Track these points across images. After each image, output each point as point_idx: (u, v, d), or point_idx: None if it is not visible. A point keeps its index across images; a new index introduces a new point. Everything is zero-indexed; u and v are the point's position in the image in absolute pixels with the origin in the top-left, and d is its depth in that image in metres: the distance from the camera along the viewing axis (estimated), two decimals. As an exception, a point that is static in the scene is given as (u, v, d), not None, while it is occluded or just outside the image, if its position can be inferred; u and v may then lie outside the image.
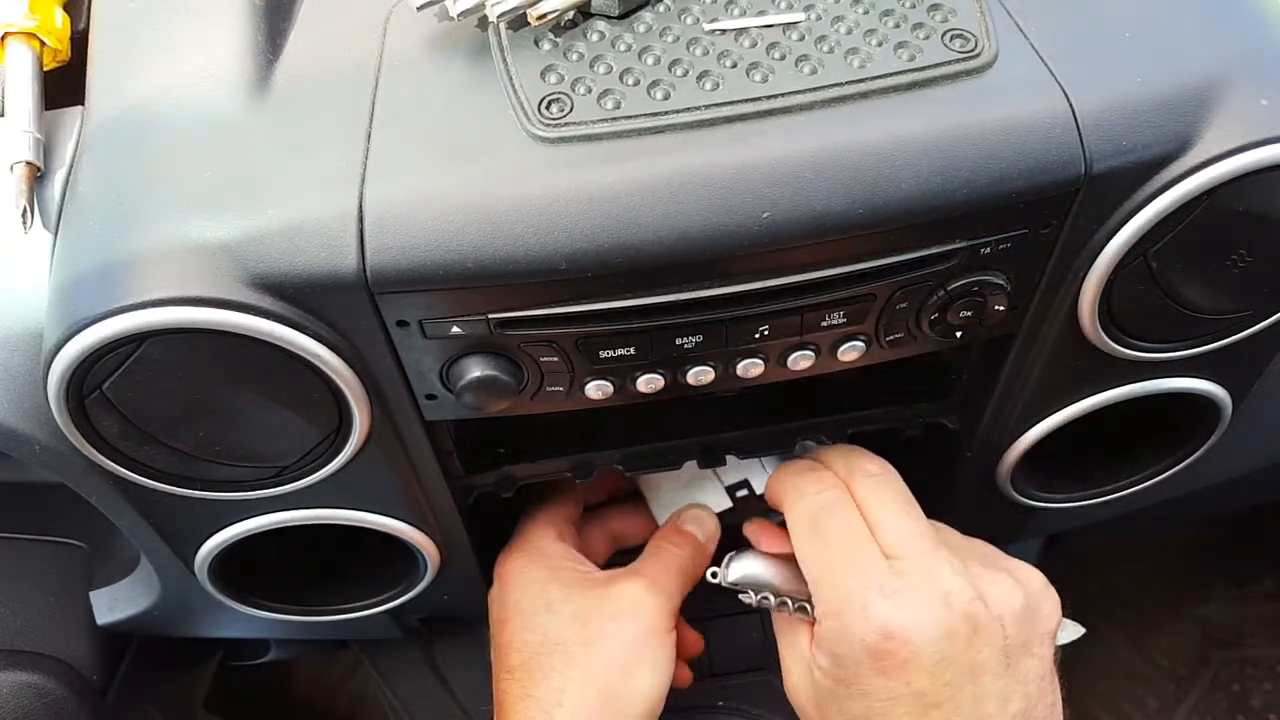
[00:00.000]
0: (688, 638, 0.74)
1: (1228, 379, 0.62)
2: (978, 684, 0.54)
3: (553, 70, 0.48)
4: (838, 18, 0.49)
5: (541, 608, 0.65)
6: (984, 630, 0.54)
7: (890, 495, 0.59)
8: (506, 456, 0.66)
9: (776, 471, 0.64)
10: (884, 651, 0.53)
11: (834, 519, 0.58)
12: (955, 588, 0.54)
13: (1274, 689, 1.35)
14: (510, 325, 0.49)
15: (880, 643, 0.53)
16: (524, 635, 0.64)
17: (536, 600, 0.65)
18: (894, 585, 0.54)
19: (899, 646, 0.53)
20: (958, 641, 0.53)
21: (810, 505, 0.59)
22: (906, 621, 0.53)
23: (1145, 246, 0.50)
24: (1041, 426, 0.63)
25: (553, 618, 0.64)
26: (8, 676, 0.73)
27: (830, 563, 0.56)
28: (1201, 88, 0.47)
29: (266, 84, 0.50)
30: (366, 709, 1.38)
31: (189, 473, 0.53)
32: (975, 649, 0.53)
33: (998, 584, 0.56)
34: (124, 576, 0.75)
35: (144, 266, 0.45)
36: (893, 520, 0.57)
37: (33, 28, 0.52)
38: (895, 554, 0.56)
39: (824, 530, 0.57)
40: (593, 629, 0.63)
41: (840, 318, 0.52)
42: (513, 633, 0.65)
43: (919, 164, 0.46)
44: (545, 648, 0.63)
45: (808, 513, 0.59)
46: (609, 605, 0.64)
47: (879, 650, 0.53)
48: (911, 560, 0.55)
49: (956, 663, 0.53)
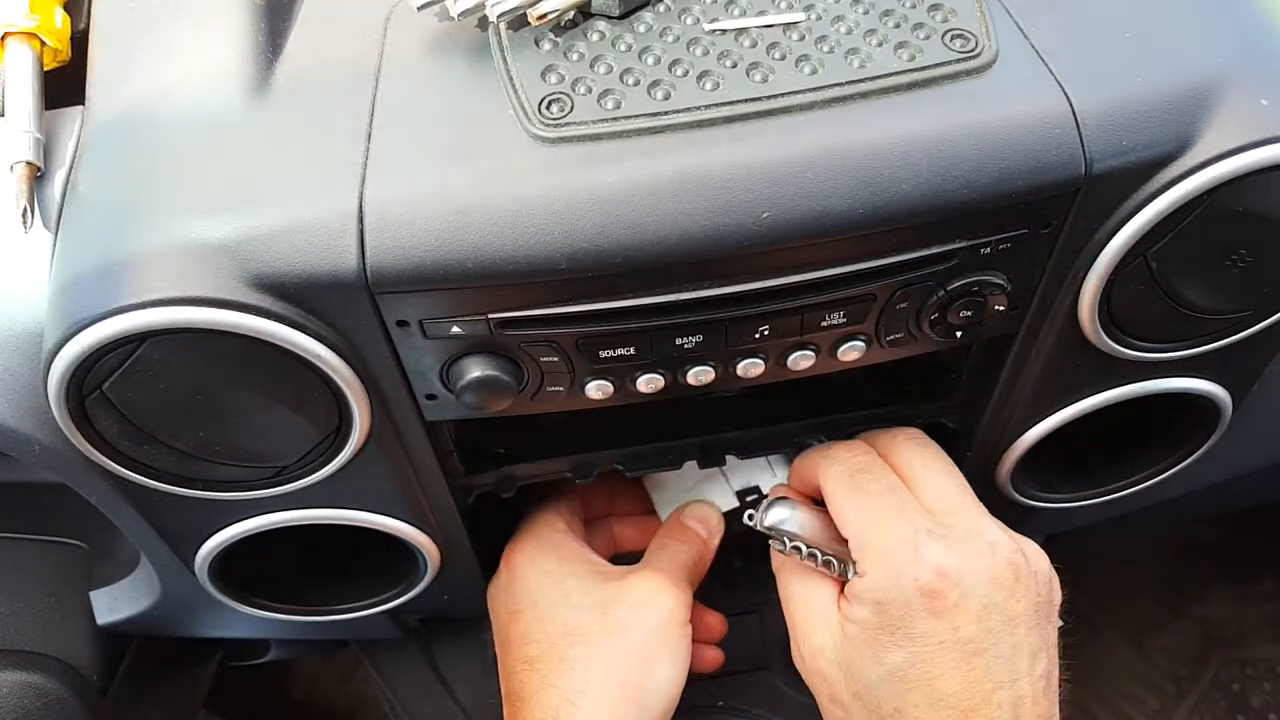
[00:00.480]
0: (710, 621, 0.74)
1: (1228, 379, 0.62)
2: (1014, 635, 0.55)
3: (553, 70, 0.48)
4: (838, 18, 0.49)
5: (560, 599, 0.65)
6: (1024, 581, 0.55)
7: (932, 455, 0.61)
8: (506, 456, 0.66)
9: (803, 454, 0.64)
10: (936, 591, 0.54)
11: (872, 476, 0.59)
12: (999, 538, 0.56)
13: (1274, 689, 1.35)
14: (510, 325, 0.49)
15: (934, 581, 0.54)
16: (543, 626, 0.64)
17: (554, 592, 0.65)
18: (942, 531, 0.55)
19: (950, 587, 0.54)
20: (1002, 588, 0.54)
21: (846, 467, 0.59)
22: (959, 563, 0.54)
23: (1145, 246, 0.50)
24: (1041, 426, 0.63)
25: (572, 609, 0.64)
26: (8, 676, 0.73)
27: (875, 512, 0.57)
28: (1201, 88, 0.47)
29: (267, 84, 0.50)
30: (366, 709, 1.38)
31: (189, 472, 0.53)
32: (1016, 598, 0.55)
33: (1030, 543, 0.57)
34: (124, 576, 0.75)
35: (144, 266, 0.45)
36: (933, 477, 0.59)
37: (33, 28, 0.52)
38: (936, 508, 0.57)
39: (863, 486, 0.58)
40: (613, 619, 0.63)
41: (840, 318, 0.52)
42: (529, 623, 0.65)
43: (919, 164, 0.46)
44: (568, 638, 0.63)
45: (845, 473, 0.59)
46: (629, 596, 0.64)
47: (932, 589, 0.54)
48: (953, 514, 0.57)
49: (1000, 610, 0.54)
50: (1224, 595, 1.43)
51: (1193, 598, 1.43)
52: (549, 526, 0.70)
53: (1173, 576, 1.45)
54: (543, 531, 0.70)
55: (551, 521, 0.71)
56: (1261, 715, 1.34)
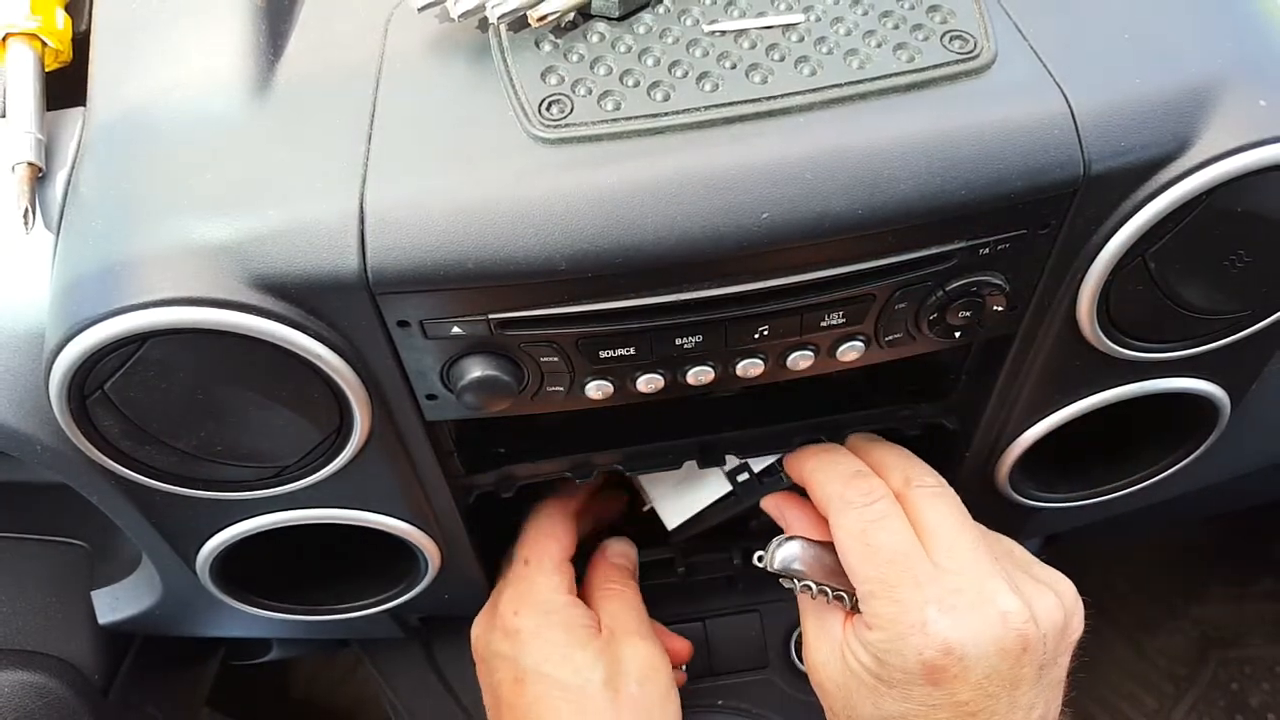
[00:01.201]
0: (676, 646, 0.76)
1: (1226, 379, 0.62)
2: (1014, 696, 0.55)
3: (553, 71, 0.48)
4: (837, 19, 0.49)
5: (570, 673, 0.66)
6: (1032, 649, 0.55)
7: (949, 509, 0.59)
8: (507, 456, 0.66)
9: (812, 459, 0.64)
10: (939, 667, 0.54)
11: (885, 531, 0.57)
12: (1013, 608, 0.55)
13: (1272, 689, 1.35)
14: (511, 325, 0.49)
15: (938, 659, 0.54)
16: (554, 703, 0.66)
17: (562, 665, 0.67)
18: (952, 601, 0.54)
19: (954, 662, 0.54)
20: (1007, 658, 0.54)
21: (860, 516, 0.58)
22: (964, 638, 0.54)
23: (1144, 247, 0.50)
24: (1040, 426, 0.63)
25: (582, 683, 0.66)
26: (9, 676, 0.73)
27: (884, 576, 0.56)
28: (1200, 88, 0.48)
29: (268, 85, 0.50)
30: (366, 709, 1.38)
31: (190, 473, 0.53)
32: (1021, 665, 0.55)
33: (1043, 599, 0.57)
34: (125, 576, 0.75)
35: (145, 267, 0.45)
36: (950, 535, 0.57)
37: (34, 29, 0.52)
38: (950, 568, 0.56)
39: (876, 543, 0.57)
40: (624, 696, 0.66)
41: (840, 318, 0.52)
42: (536, 696, 0.67)
43: (918, 165, 0.46)
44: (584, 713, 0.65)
45: (857, 524, 0.58)
46: (631, 668, 0.67)
47: (935, 665, 0.54)
48: (967, 576, 0.56)
49: (1002, 676, 0.54)
50: (1222, 595, 1.43)
51: (1191, 598, 1.43)
52: (549, 588, 0.70)
53: (1171, 576, 1.45)
54: (544, 594, 0.70)
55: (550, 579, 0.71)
56: (1260, 715, 1.34)
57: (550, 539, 0.72)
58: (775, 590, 0.67)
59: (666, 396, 0.55)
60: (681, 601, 0.84)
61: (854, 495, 0.59)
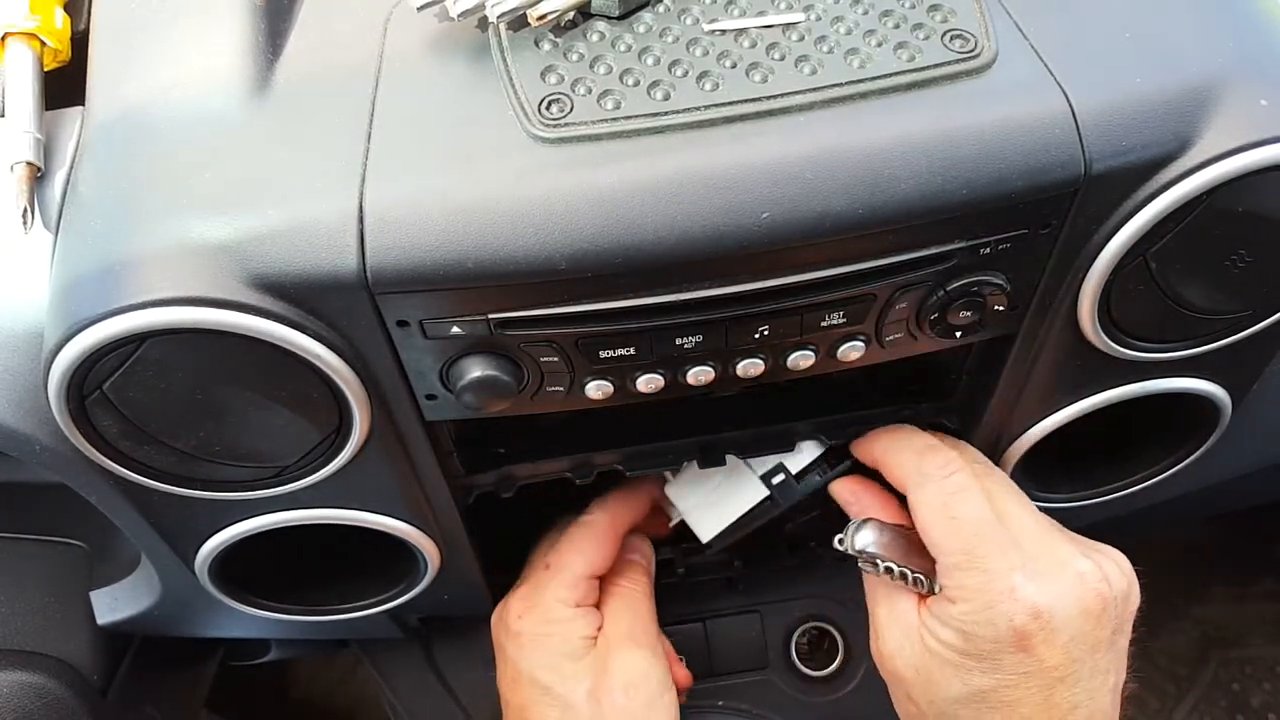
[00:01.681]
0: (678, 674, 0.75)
1: (1227, 379, 0.62)
2: (1094, 658, 0.57)
3: (553, 71, 0.48)
4: (837, 18, 0.49)
5: (558, 681, 0.67)
6: (1109, 608, 0.57)
7: (1008, 485, 0.62)
8: (506, 456, 0.66)
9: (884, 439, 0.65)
10: (1029, 631, 0.55)
11: (966, 503, 0.59)
12: (1087, 568, 0.57)
13: (1273, 689, 1.35)
14: (510, 325, 0.49)
15: (1028, 623, 0.55)
16: (542, 709, 0.67)
17: (552, 674, 0.68)
18: (1034, 568, 0.56)
19: (1042, 626, 0.55)
20: (1089, 619, 0.56)
21: (940, 489, 0.60)
22: (1051, 602, 0.55)
23: (1145, 247, 0.50)
24: (1041, 426, 0.63)
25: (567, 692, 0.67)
26: (8, 676, 0.73)
27: (969, 546, 0.57)
28: (1201, 88, 0.47)
29: (267, 84, 0.50)
30: (366, 709, 1.38)
31: (189, 473, 0.53)
32: (1101, 626, 0.57)
33: (1109, 563, 0.58)
34: (124, 576, 0.75)
35: (144, 267, 0.45)
36: (1015, 508, 0.60)
37: (33, 28, 0.52)
38: (1023, 538, 0.58)
39: (958, 514, 0.59)
40: (607, 705, 0.66)
41: (840, 318, 0.52)
42: (529, 700, 0.68)
43: (919, 164, 0.46)
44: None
45: (939, 496, 0.60)
46: (616, 678, 0.67)
47: (1025, 630, 0.55)
48: (1041, 544, 0.58)
49: (1084, 639, 0.56)
50: (1223, 595, 1.43)
51: (1192, 598, 1.43)
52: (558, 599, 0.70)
53: (1172, 576, 1.44)
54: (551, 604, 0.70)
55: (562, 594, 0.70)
56: (1261, 715, 1.34)
57: (579, 554, 0.72)
58: (775, 591, 0.67)
59: (666, 396, 0.55)
60: (681, 602, 0.84)
61: (931, 469, 0.61)
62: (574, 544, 0.72)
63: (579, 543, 0.72)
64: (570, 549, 0.72)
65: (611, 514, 0.74)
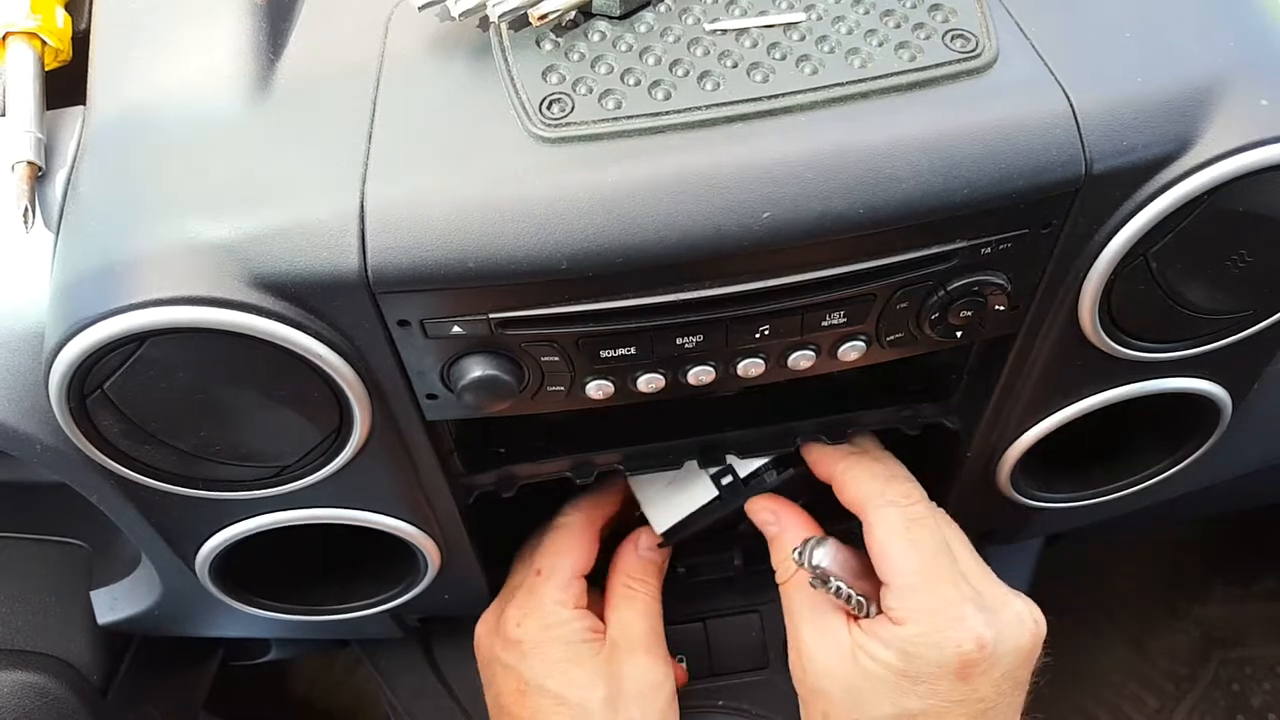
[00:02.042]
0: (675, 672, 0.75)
1: (1228, 379, 0.62)
2: (1016, 695, 0.60)
3: (554, 70, 0.48)
4: (838, 18, 0.49)
5: (570, 689, 0.67)
6: (1035, 649, 0.61)
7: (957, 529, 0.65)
8: (507, 456, 0.66)
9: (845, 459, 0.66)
10: (973, 660, 0.57)
11: (926, 530, 0.61)
12: (1023, 609, 0.60)
13: (1274, 689, 1.35)
14: (511, 325, 0.49)
15: (973, 652, 0.57)
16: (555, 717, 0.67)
17: (562, 681, 0.67)
18: (982, 601, 0.59)
19: (985, 657, 0.58)
20: (1021, 656, 0.59)
21: (902, 514, 0.62)
22: (996, 636, 0.58)
23: (1145, 246, 0.50)
24: (1042, 426, 0.63)
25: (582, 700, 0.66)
26: (8, 676, 0.73)
27: (925, 570, 0.59)
28: (1202, 88, 0.47)
29: (268, 84, 0.50)
30: (366, 709, 1.38)
31: (190, 472, 0.53)
32: (1026, 666, 0.60)
33: (1032, 609, 0.62)
34: (125, 576, 0.75)
35: (145, 266, 0.45)
36: (963, 550, 0.63)
37: (34, 27, 0.52)
38: (968, 577, 0.61)
39: (917, 539, 0.61)
40: (623, 715, 0.66)
41: (840, 317, 0.52)
42: (538, 709, 0.67)
43: (919, 164, 0.46)
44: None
45: (900, 519, 0.61)
46: (631, 686, 0.67)
47: (970, 659, 0.57)
48: (983, 583, 0.61)
49: (1013, 676, 0.59)
50: (1224, 595, 1.43)
51: (1193, 598, 1.43)
52: (555, 601, 0.70)
53: (1173, 576, 1.45)
54: (548, 607, 0.70)
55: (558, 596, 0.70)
56: (1261, 715, 1.34)
57: (566, 555, 0.72)
58: (776, 591, 0.67)
59: (667, 396, 0.55)
60: (681, 601, 0.84)
61: (895, 496, 0.63)
62: (557, 547, 0.72)
63: (561, 545, 0.72)
64: (560, 550, 0.72)
65: (585, 513, 0.74)
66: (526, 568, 0.73)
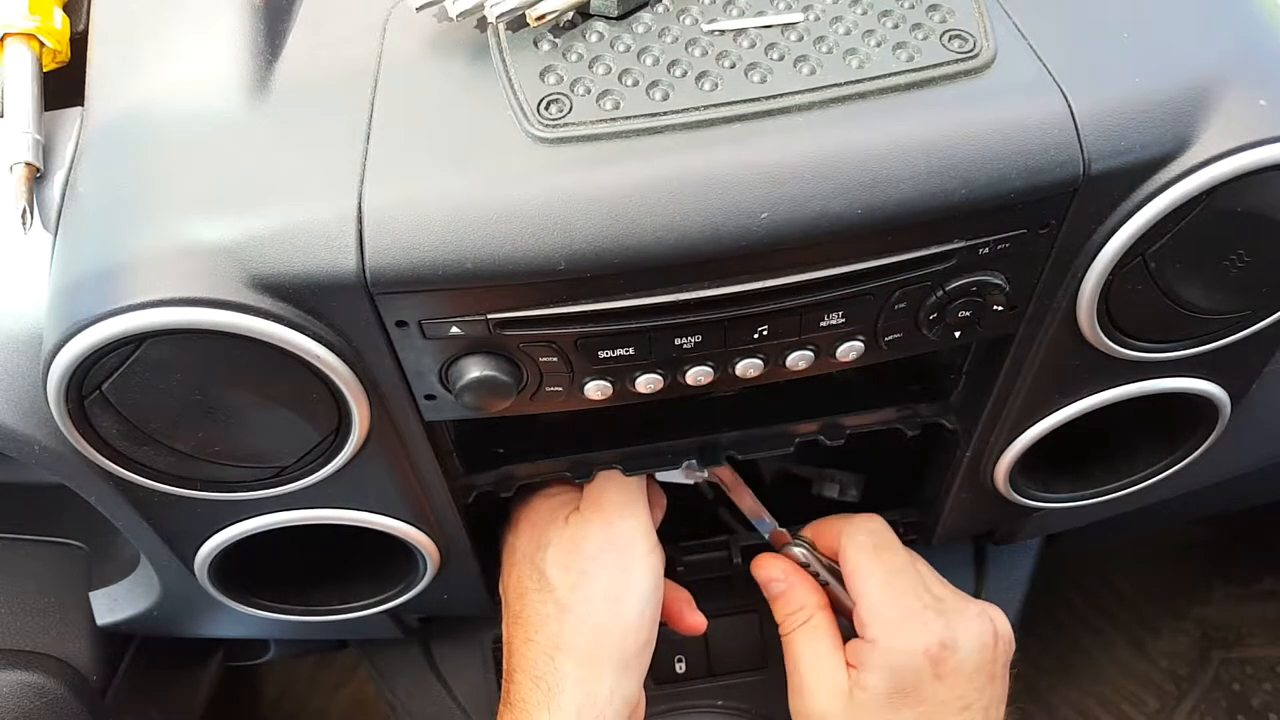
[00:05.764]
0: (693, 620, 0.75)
1: (1226, 379, 0.62)
2: (993, 688, 0.66)
3: (552, 71, 0.48)
4: (836, 18, 0.49)
5: (534, 553, 0.68)
6: (1001, 643, 0.66)
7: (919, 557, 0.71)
8: (506, 456, 0.66)
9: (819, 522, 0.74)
10: (941, 658, 0.63)
11: (891, 553, 0.68)
12: (979, 610, 0.66)
13: (1274, 689, 1.35)
14: (509, 325, 0.49)
15: (939, 651, 0.63)
16: (525, 583, 0.68)
17: (529, 545, 0.68)
18: (941, 607, 0.66)
19: (951, 654, 0.63)
20: (986, 651, 0.65)
21: (872, 539, 0.69)
22: (956, 634, 0.64)
23: (1143, 247, 0.50)
24: (1040, 426, 0.63)
25: (542, 565, 0.67)
26: (8, 676, 0.73)
27: (891, 585, 0.66)
28: (1199, 88, 0.47)
29: (266, 85, 0.50)
30: (366, 709, 1.38)
31: (188, 473, 0.53)
32: (996, 660, 0.66)
33: (994, 611, 0.68)
34: (124, 577, 0.75)
35: (143, 267, 0.45)
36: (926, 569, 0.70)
37: (32, 29, 0.52)
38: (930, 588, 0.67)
39: (884, 560, 0.67)
40: (575, 573, 0.65)
41: (839, 318, 0.52)
42: (516, 579, 0.69)
43: (917, 164, 0.46)
44: (541, 595, 0.66)
45: (870, 543, 0.68)
46: (587, 545, 0.66)
47: (938, 657, 0.63)
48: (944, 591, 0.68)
49: (985, 670, 0.65)
50: (1224, 595, 1.43)
51: (1193, 598, 1.43)
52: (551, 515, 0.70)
53: (1173, 576, 1.45)
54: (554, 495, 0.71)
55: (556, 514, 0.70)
56: (1261, 715, 1.34)
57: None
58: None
59: (666, 396, 0.55)
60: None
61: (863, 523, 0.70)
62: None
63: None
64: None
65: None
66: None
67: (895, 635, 0.64)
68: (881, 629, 0.64)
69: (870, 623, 0.65)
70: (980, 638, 0.64)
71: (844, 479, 0.85)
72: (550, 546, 0.67)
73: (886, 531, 0.70)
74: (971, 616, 0.65)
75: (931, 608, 0.65)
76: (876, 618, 0.64)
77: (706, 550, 0.83)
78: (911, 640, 0.63)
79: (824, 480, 0.86)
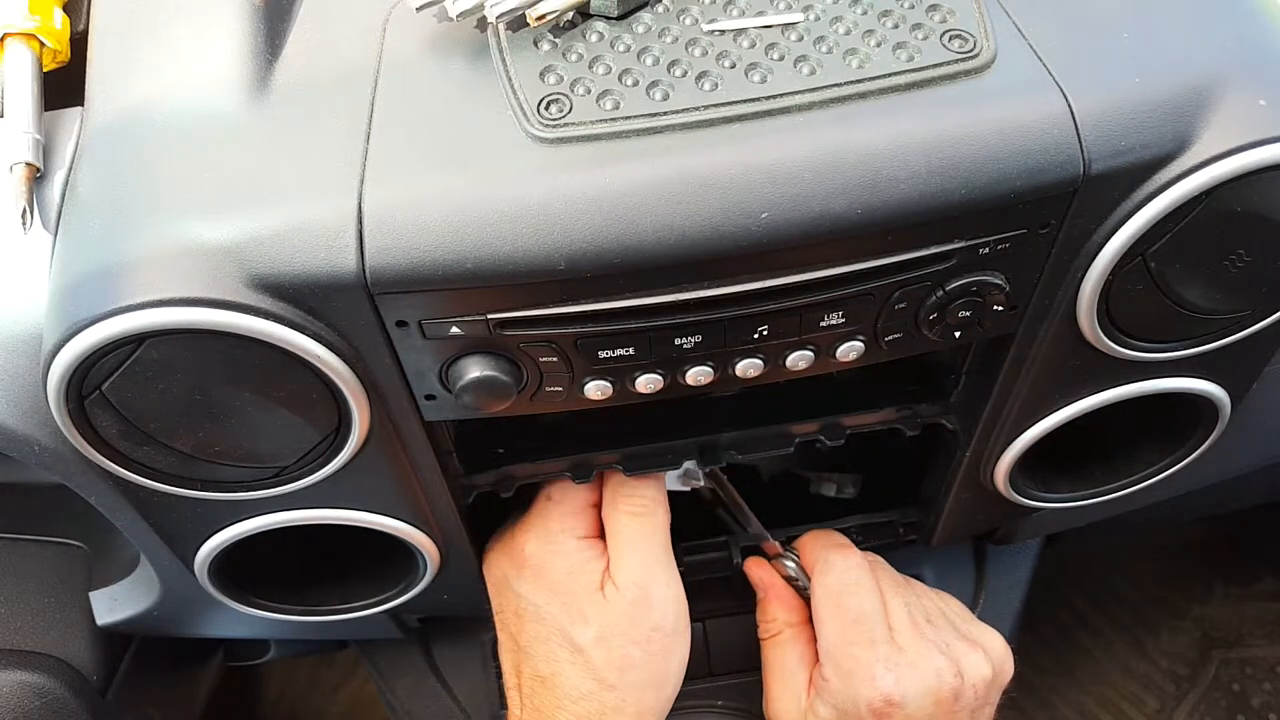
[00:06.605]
0: None
1: (1226, 379, 0.62)
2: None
3: (552, 71, 0.48)
4: (836, 18, 0.49)
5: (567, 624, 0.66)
6: (963, 697, 0.67)
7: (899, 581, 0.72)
8: (506, 456, 0.66)
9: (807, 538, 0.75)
10: (885, 713, 0.65)
11: (857, 597, 0.68)
12: (943, 665, 0.66)
13: (1274, 689, 1.35)
14: (509, 325, 0.49)
15: (883, 706, 0.65)
16: (551, 648, 0.66)
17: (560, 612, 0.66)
18: (896, 660, 0.66)
19: (897, 709, 0.65)
20: (942, 706, 0.66)
21: (837, 581, 0.69)
22: (905, 692, 0.65)
23: (1143, 247, 0.50)
24: (1040, 426, 0.63)
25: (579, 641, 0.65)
26: (8, 676, 0.73)
27: (847, 634, 0.67)
28: (1199, 88, 0.47)
29: (266, 85, 0.50)
30: (366, 709, 1.38)
31: (188, 473, 0.53)
32: (954, 713, 0.66)
33: (970, 657, 0.68)
34: (124, 577, 0.75)
35: (143, 267, 0.45)
36: (898, 608, 0.69)
37: (32, 29, 0.52)
38: (894, 636, 0.67)
39: (846, 605, 0.68)
40: (618, 654, 0.65)
41: (839, 318, 0.52)
42: (532, 639, 0.67)
43: (917, 164, 0.46)
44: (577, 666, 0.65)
45: (834, 586, 0.69)
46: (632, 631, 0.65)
47: (882, 711, 0.65)
48: (908, 640, 0.67)
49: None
50: (1224, 595, 1.43)
51: (1193, 598, 1.43)
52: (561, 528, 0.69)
53: (1173, 576, 1.45)
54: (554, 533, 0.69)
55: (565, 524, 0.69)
56: (1261, 715, 1.34)
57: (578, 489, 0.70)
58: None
59: (666, 396, 0.55)
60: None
61: (836, 558, 0.70)
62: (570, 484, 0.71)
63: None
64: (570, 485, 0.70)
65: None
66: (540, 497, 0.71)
67: (844, 682, 0.66)
68: (834, 672, 0.67)
69: (825, 663, 0.67)
70: (935, 694, 0.65)
71: (840, 477, 0.85)
72: (590, 625, 0.65)
73: (860, 569, 0.69)
74: (927, 672, 0.65)
75: (884, 660, 0.65)
76: (830, 660, 0.67)
77: (706, 550, 0.83)
78: (856, 692, 0.65)
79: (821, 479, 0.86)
